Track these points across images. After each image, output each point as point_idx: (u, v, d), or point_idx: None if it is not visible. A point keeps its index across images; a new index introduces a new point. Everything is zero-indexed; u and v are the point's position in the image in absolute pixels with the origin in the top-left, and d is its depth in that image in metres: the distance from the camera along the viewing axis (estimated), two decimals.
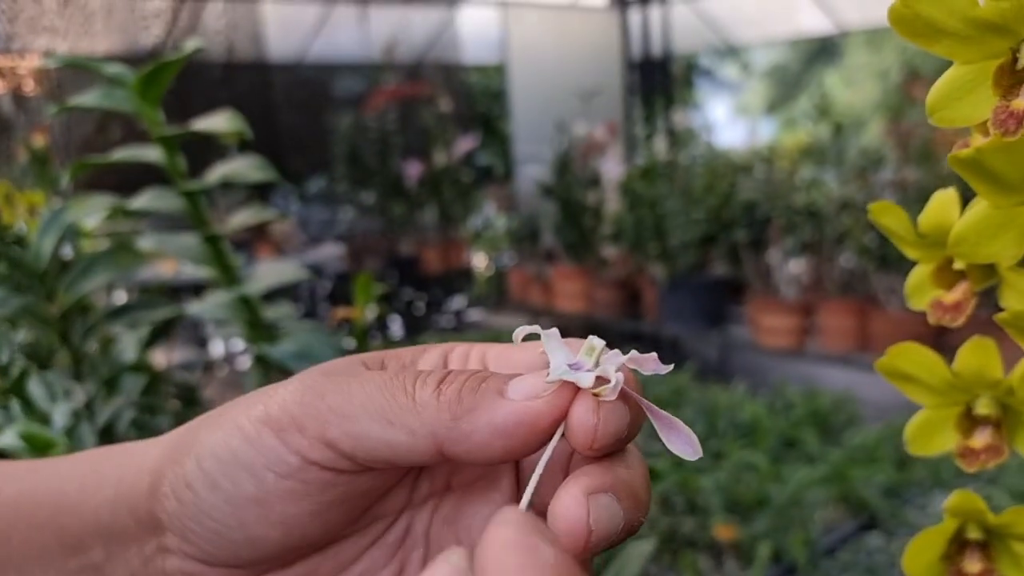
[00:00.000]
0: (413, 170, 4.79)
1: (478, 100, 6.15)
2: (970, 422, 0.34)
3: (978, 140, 0.30)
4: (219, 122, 0.86)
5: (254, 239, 4.34)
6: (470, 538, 0.29)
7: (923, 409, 0.35)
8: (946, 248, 0.30)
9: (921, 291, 0.35)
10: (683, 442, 0.27)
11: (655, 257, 4.05)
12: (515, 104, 5.08)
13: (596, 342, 0.26)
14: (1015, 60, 0.26)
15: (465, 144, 4.93)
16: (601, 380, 0.25)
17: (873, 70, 6.71)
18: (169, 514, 0.27)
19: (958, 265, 0.32)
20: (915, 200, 3.35)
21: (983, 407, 0.33)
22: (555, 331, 0.27)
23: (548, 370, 0.26)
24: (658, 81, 5.02)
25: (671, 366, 0.27)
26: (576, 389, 0.25)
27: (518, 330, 0.28)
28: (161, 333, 1.01)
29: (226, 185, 0.89)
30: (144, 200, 0.89)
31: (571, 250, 4.50)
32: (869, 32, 5.50)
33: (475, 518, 0.30)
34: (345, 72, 5.52)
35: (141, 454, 0.29)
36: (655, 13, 4.73)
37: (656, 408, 0.27)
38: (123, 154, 0.87)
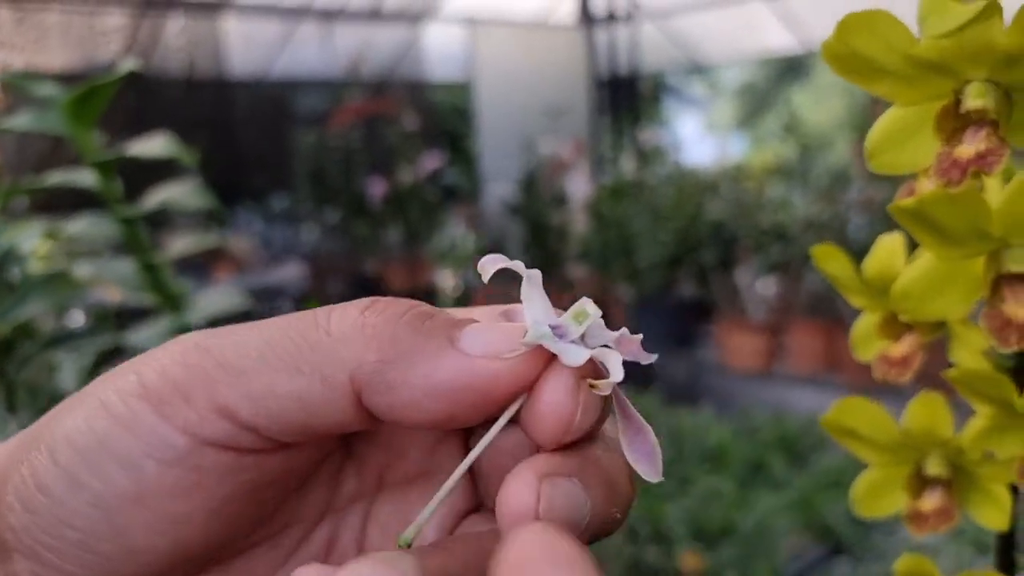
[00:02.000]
0: (378, 188, 4.76)
1: (444, 118, 6.13)
2: (920, 482, 0.32)
3: (924, 185, 0.28)
4: (155, 146, 0.83)
5: (213, 259, 4.28)
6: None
7: (870, 468, 0.33)
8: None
9: (867, 342, 0.33)
10: (648, 458, 0.22)
11: (622, 277, 4.05)
12: (482, 122, 5.07)
13: (589, 308, 0.21)
14: (959, 103, 0.23)
15: (431, 162, 4.91)
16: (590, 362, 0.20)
17: (840, 88, 6.78)
18: (17, 530, 0.20)
19: (903, 316, 0.30)
20: (881, 219, 3.38)
21: (933, 467, 0.31)
22: (537, 273, 0.22)
23: (520, 325, 0.21)
24: (625, 99, 5.03)
25: (654, 356, 0.22)
26: (550, 359, 0.20)
27: (486, 259, 0.22)
28: (107, 360, 0.98)
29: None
30: (80, 225, 0.87)
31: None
32: None
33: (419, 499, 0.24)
34: (309, 89, 5.49)
35: None
36: (622, 31, 4.75)
37: (631, 408, 0.22)
38: (57, 178, 0.84)
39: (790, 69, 7.66)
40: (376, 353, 0.20)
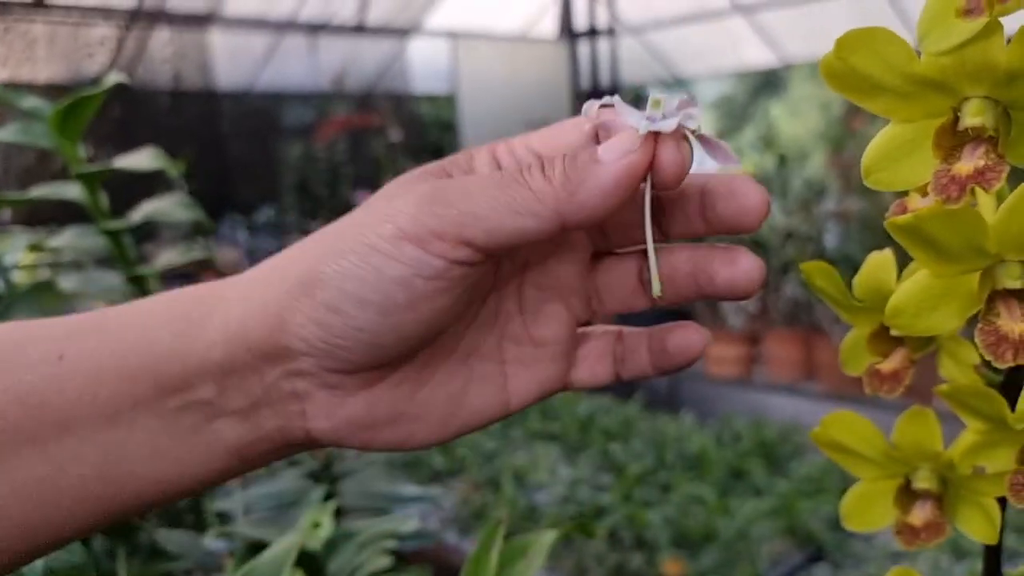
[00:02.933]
0: (363, 200, 4.75)
1: (429, 130, 6.13)
2: (909, 496, 0.32)
3: (916, 201, 0.28)
4: (142, 159, 0.82)
5: (200, 271, 4.26)
6: (562, 295, 0.34)
7: (860, 482, 0.33)
8: (883, 315, 0.28)
9: (857, 357, 0.33)
10: (726, 156, 0.31)
11: None
12: (465, 134, 5.07)
13: (658, 95, 0.29)
14: (957, 120, 0.23)
15: None
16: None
17: (817, 101, 6.82)
18: (308, 341, 0.29)
19: (896, 331, 0.30)
20: (857, 231, 3.40)
21: (922, 480, 0.31)
22: (618, 97, 0.31)
23: (628, 129, 0.29)
24: None
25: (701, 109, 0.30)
26: (654, 137, 0.29)
27: (589, 103, 0.32)
28: None
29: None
30: (65, 238, 0.86)
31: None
32: (812, 65, 5.60)
33: (561, 277, 0.34)
34: (294, 101, 5.47)
35: (238, 297, 0.31)
36: (603, 45, 4.77)
37: (708, 137, 0.30)
38: (41, 191, 0.84)
39: (767, 83, 7.71)
40: (565, 191, 0.29)
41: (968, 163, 0.23)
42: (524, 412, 3.08)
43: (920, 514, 0.31)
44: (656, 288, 0.31)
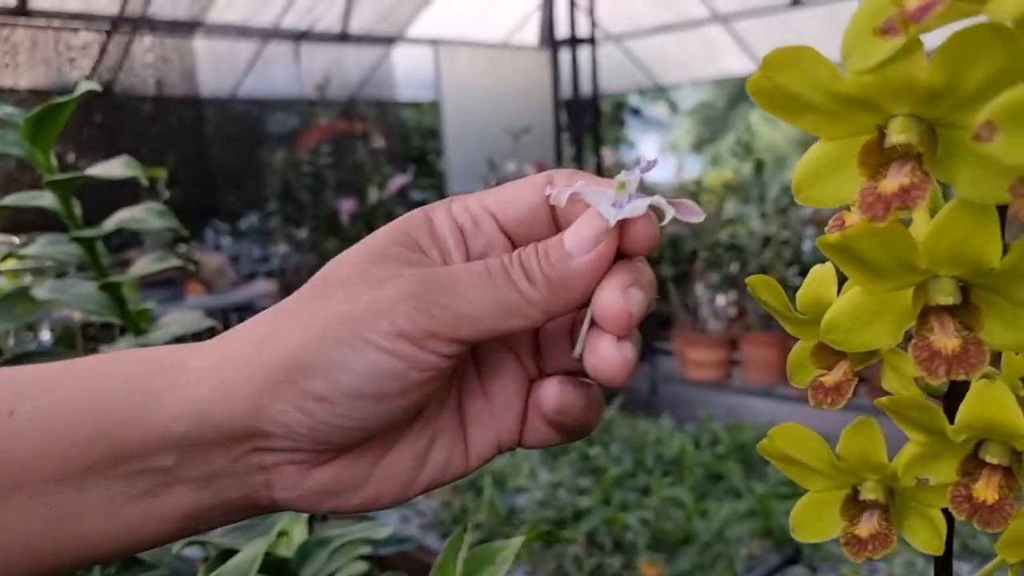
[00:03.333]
0: (347, 206, 4.75)
1: (412, 137, 6.13)
2: (856, 507, 0.32)
3: (854, 217, 0.29)
4: (115, 167, 0.82)
5: (183, 277, 4.24)
6: (514, 349, 0.35)
7: (809, 493, 0.33)
8: None
9: (802, 369, 0.33)
10: (690, 211, 0.32)
11: None
12: (448, 141, 5.08)
13: (621, 178, 0.31)
14: (883, 137, 0.24)
15: (399, 180, 4.90)
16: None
17: None
18: (289, 427, 0.30)
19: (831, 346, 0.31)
20: None
21: (869, 492, 0.31)
22: (583, 183, 0.32)
23: (591, 214, 0.31)
24: (588, 119, 5.05)
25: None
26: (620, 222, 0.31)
27: (558, 191, 0.33)
28: None
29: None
30: (38, 246, 0.85)
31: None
32: None
33: (504, 374, 0.35)
34: (278, 108, 5.46)
35: (205, 371, 0.30)
36: (584, 53, 4.77)
37: (672, 200, 0.32)
38: (13, 199, 0.83)
39: (746, 90, 7.71)
40: (550, 293, 0.31)
41: (894, 181, 0.23)
42: None
43: (867, 525, 0.32)
44: (578, 350, 0.33)
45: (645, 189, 0.32)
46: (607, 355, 0.31)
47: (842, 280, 0.30)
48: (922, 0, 0.21)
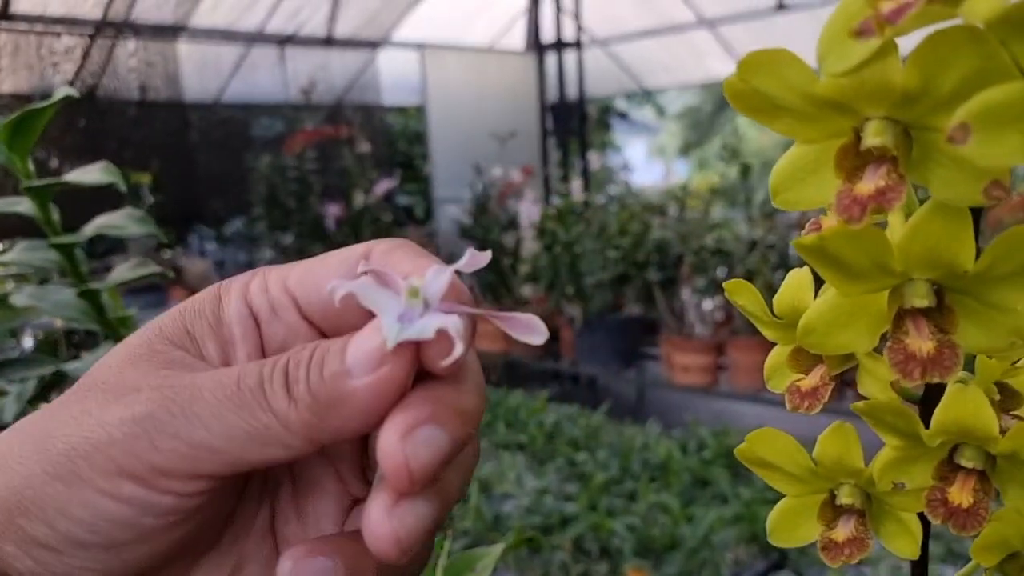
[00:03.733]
0: (332, 211, 4.74)
1: (398, 141, 6.13)
2: (833, 512, 0.32)
3: (832, 220, 0.28)
4: (93, 173, 0.81)
5: (168, 283, 4.23)
6: (331, 461, 0.29)
7: (786, 498, 0.33)
8: None
9: (779, 374, 0.33)
10: (527, 329, 0.25)
11: (571, 297, 4.07)
12: (434, 145, 5.08)
13: (415, 282, 0.24)
14: (858, 140, 0.24)
15: (385, 185, 4.90)
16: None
17: None
18: (21, 572, 0.24)
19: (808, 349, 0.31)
20: None
21: (846, 496, 0.31)
22: (364, 281, 0.25)
23: (381, 329, 0.24)
24: (574, 124, 5.06)
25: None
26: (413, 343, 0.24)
27: (332, 287, 0.24)
28: (52, 387, 0.96)
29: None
30: (16, 253, 0.85)
31: (489, 290, 4.49)
32: None
33: (320, 494, 0.29)
34: (263, 113, 5.45)
35: None
36: (570, 57, 4.79)
37: (491, 312, 0.25)
38: None
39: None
40: (314, 417, 0.24)
41: (869, 183, 0.23)
42: (490, 423, 3.09)
43: (844, 530, 0.31)
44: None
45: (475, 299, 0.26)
46: (373, 522, 0.24)
47: (820, 285, 0.30)
48: (897, 2, 0.21)
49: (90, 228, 0.84)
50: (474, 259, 0.26)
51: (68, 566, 0.24)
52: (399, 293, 0.24)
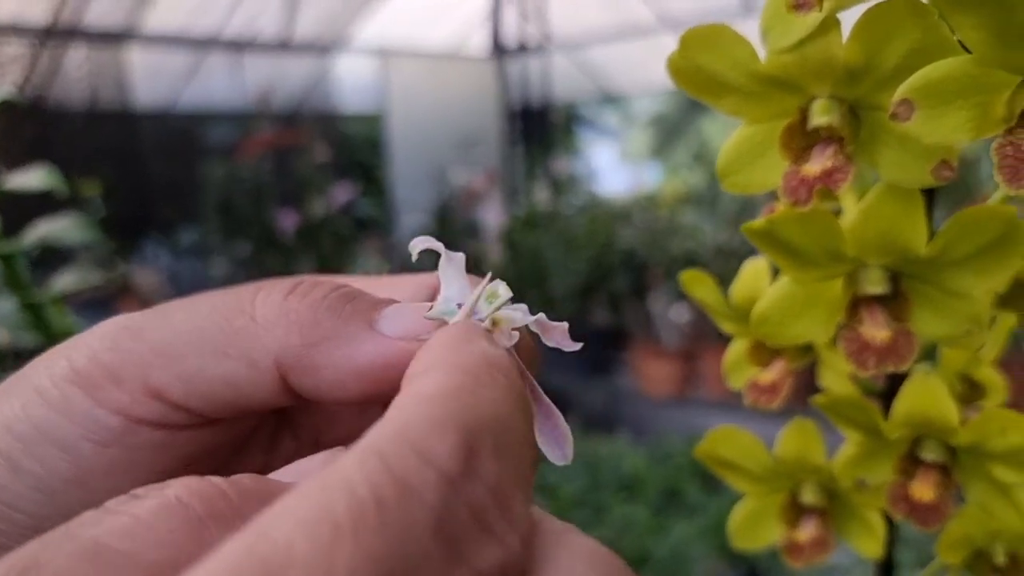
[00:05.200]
0: (288, 220, 4.70)
1: (356, 149, 6.09)
2: (795, 511, 0.31)
3: (783, 204, 0.27)
4: (33, 179, 0.79)
5: (118, 295, 4.15)
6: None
7: (746, 498, 0.32)
8: None
9: (739, 369, 0.32)
10: (557, 442, 0.22)
11: (537, 306, 4.06)
12: (395, 153, 5.06)
13: (502, 290, 0.21)
14: (805, 120, 0.23)
15: (343, 194, 4.87)
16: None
17: None
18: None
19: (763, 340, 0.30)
20: None
21: (808, 495, 0.31)
22: (460, 257, 0.22)
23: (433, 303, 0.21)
24: (538, 129, 5.07)
25: (579, 345, 0.23)
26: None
27: (415, 241, 0.22)
28: None
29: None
30: None
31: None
32: None
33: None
34: (218, 120, 5.40)
35: None
36: (534, 62, 4.79)
37: (540, 391, 0.22)
38: None
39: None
40: (299, 337, 0.20)
41: (816, 164, 0.22)
42: None
43: (806, 530, 0.31)
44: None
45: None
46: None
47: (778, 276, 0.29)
48: None
49: (31, 235, 0.82)
50: (554, 329, 0.23)
51: (1, 504, 0.21)
52: (470, 288, 0.22)
